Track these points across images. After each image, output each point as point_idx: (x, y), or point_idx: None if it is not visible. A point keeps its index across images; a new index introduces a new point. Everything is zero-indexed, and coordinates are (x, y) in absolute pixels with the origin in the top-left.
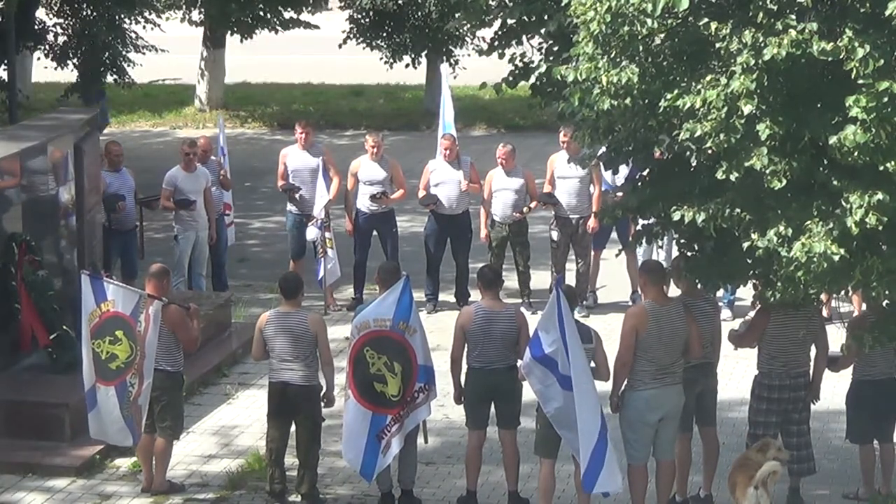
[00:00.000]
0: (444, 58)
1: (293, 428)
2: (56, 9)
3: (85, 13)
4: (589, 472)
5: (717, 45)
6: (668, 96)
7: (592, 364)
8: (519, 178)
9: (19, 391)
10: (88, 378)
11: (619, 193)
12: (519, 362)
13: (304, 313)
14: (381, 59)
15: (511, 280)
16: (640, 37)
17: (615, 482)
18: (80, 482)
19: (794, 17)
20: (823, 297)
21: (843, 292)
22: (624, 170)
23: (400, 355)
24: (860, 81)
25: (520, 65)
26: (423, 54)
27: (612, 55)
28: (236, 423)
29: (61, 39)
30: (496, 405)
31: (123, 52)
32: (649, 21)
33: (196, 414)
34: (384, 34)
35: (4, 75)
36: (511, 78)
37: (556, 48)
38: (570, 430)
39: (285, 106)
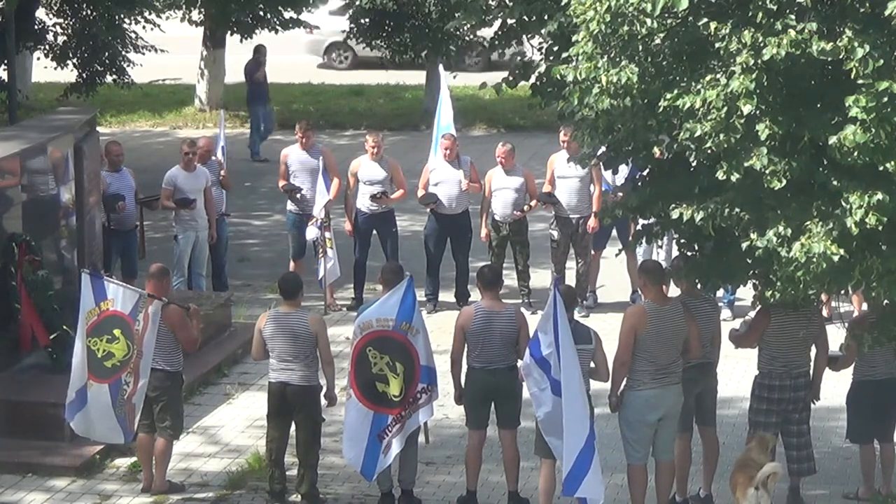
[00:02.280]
0: (444, 58)
1: (293, 428)
2: (56, 9)
3: (85, 13)
4: (572, 476)
5: (717, 45)
6: (668, 96)
7: (592, 364)
8: (518, 177)
9: (19, 391)
10: (80, 376)
11: (619, 193)
12: (519, 363)
13: (305, 313)
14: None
15: (511, 280)
16: (639, 36)
17: (598, 491)
18: (80, 482)
19: (793, 16)
20: (823, 297)
21: (842, 292)
22: (624, 170)
23: (402, 356)
24: (860, 81)
25: (520, 65)
26: (423, 54)
27: (612, 55)
28: (236, 423)
29: (61, 39)
30: (496, 405)
31: (123, 52)
32: (649, 21)
33: (196, 414)
34: (384, 34)
35: (4, 75)
36: (511, 78)
37: (556, 48)
38: (557, 437)
39: (285, 106)
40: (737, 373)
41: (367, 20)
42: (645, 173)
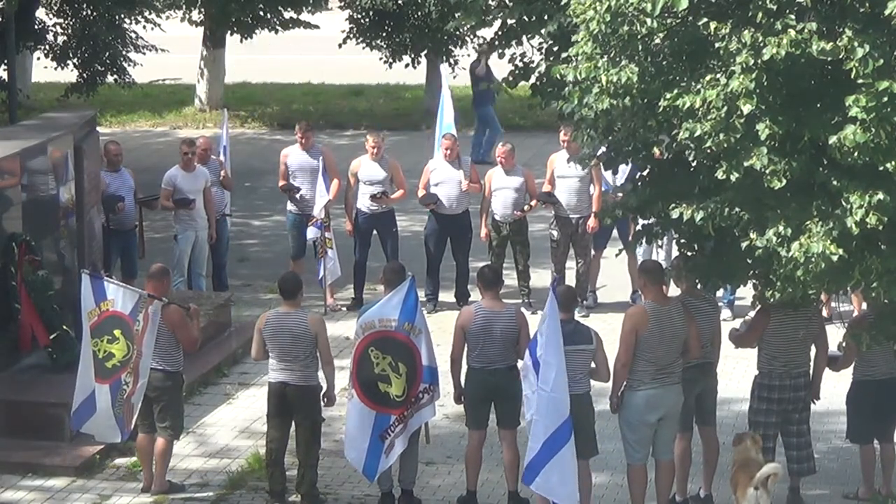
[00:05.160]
0: (444, 58)
1: (293, 428)
2: (56, 9)
3: (85, 13)
4: (532, 465)
5: (717, 45)
6: (668, 96)
7: (593, 364)
8: (518, 176)
9: (19, 391)
10: (87, 384)
11: (619, 193)
12: (519, 363)
13: (304, 313)
14: (380, 59)
15: (511, 280)
16: (639, 36)
17: (565, 493)
18: (79, 482)
19: (793, 16)
20: (823, 297)
21: (842, 292)
22: (624, 170)
23: (404, 356)
24: (860, 81)
25: (520, 65)
26: (423, 54)
27: (612, 55)
28: (236, 423)
29: (61, 39)
30: (496, 405)
31: (123, 52)
32: (649, 21)
33: (196, 414)
34: (384, 34)
35: (4, 75)
36: (511, 78)
37: (556, 48)
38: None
39: (285, 106)
40: (737, 373)
41: (367, 19)
42: (645, 173)
